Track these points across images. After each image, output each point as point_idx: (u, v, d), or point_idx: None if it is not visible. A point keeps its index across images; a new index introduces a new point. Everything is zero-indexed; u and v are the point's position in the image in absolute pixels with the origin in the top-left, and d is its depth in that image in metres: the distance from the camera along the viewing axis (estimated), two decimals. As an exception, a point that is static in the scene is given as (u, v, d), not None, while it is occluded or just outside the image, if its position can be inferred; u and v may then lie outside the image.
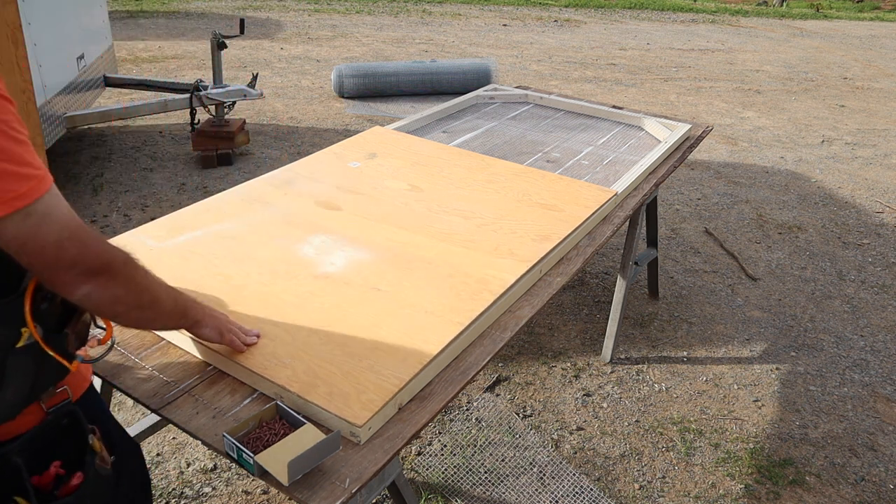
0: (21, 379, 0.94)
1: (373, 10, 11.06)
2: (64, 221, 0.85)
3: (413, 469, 2.23)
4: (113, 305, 0.96)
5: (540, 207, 1.94)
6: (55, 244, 0.84)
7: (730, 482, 2.26)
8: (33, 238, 0.82)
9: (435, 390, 1.28)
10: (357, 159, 2.20)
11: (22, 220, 0.81)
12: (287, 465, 1.02)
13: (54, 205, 0.85)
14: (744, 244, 3.97)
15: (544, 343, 2.94)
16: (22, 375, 0.94)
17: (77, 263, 0.87)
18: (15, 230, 0.81)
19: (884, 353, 3.02)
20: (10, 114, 0.80)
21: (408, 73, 6.30)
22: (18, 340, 0.91)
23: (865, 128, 6.50)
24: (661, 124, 2.84)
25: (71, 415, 1.02)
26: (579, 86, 7.26)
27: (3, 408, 0.94)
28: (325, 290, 1.49)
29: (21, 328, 0.91)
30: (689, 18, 13.01)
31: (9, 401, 0.94)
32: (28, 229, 0.81)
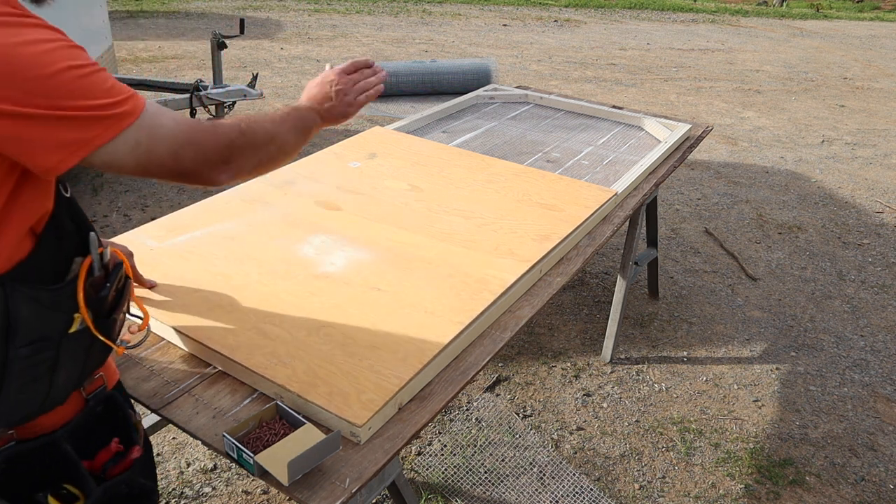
0: (73, 363, 0.96)
1: (373, 10, 11.06)
2: (171, 135, 0.89)
3: (413, 469, 2.23)
4: (254, 170, 1.04)
5: (540, 207, 1.94)
6: (172, 158, 0.89)
7: (730, 482, 2.26)
8: (150, 160, 0.87)
9: (435, 390, 1.28)
10: (357, 159, 2.20)
11: (134, 146, 0.85)
12: (287, 465, 1.02)
13: (157, 121, 0.88)
14: (744, 244, 3.98)
15: (544, 343, 2.94)
16: (74, 360, 0.96)
17: (204, 163, 0.93)
18: (132, 156, 0.85)
19: (884, 353, 3.02)
20: (80, 57, 0.83)
21: (408, 73, 6.30)
22: (71, 326, 0.93)
23: (865, 128, 6.50)
24: (661, 124, 2.84)
25: (109, 400, 1.06)
26: (579, 86, 7.26)
27: (56, 393, 0.96)
28: (325, 290, 1.49)
29: (74, 314, 0.93)
30: (689, 18, 13.02)
31: (62, 385, 0.96)
32: (142, 153, 0.86)
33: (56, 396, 0.97)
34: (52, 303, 0.89)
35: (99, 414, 1.05)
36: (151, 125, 0.87)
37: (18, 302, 0.85)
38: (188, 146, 0.91)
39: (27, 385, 0.90)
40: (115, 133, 0.83)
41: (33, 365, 0.90)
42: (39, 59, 0.79)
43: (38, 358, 0.90)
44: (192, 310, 1.40)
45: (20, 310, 0.85)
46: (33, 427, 0.99)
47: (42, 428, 0.99)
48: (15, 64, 0.77)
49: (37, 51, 0.79)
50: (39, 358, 0.90)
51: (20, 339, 0.86)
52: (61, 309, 0.91)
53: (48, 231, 0.89)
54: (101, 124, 0.82)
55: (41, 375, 0.91)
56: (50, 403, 0.96)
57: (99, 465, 1.04)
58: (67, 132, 0.80)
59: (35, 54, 0.79)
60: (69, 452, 0.99)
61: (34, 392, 0.92)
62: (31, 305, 0.86)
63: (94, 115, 0.82)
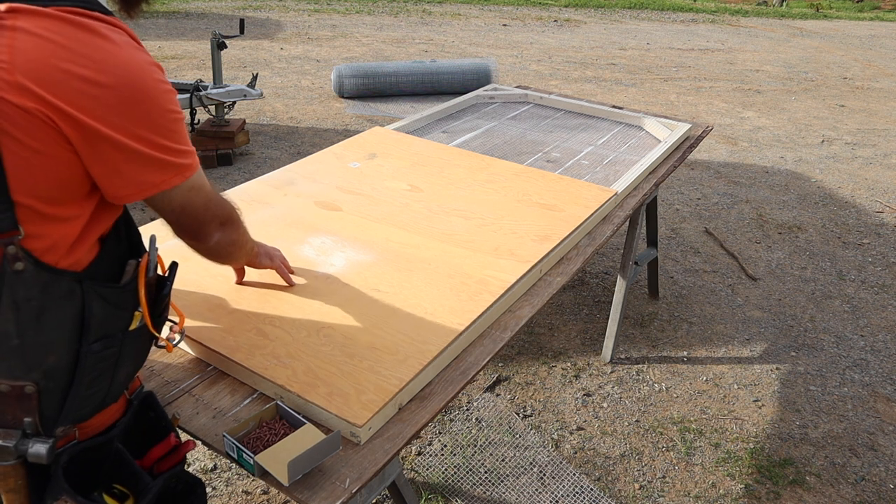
0: (131, 360, 1.03)
1: (373, 10, 11.06)
2: (208, 189, 1.03)
3: (413, 469, 2.23)
4: (230, 247, 1.15)
5: (540, 207, 1.94)
6: (204, 206, 1.02)
7: (730, 482, 2.26)
8: (191, 203, 0.99)
9: (435, 390, 1.28)
10: (357, 159, 2.20)
11: (187, 190, 0.96)
12: (287, 465, 1.02)
13: (202, 176, 1.00)
14: (744, 244, 3.97)
15: (544, 343, 2.94)
16: (131, 357, 1.03)
17: (216, 217, 1.07)
18: (181, 198, 0.97)
19: (884, 353, 3.02)
20: (176, 102, 0.92)
21: (408, 73, 6.29)
22: (132, 323, 1.00)
23: (865, 127, 6.50)
24: (661, 124, 2.84)
25: (146, 399, 1.12)
26: (579, 85, 7.26)
27: (115, 388, 1.02)
28: (325, 290, 1.49)
29: (135, 311, 1.00)
30: (689, 18, 13.01)
31: (121, 381, 1.03)
32: (188, 198, 0.98)
33: (115, 393, 1.03)
34: (118, 300, 0.96)
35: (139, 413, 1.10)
36: (199, 176, 0.98)
37: (92, 298, 0.92)
38: (212, 202, 1.05)
39: (94, 381, 0.96)
40: (181, 181, 0.94)
41: (101, 360, 0.96)
42: (161, 96, 0.89)
43: (106, 354, 0.96)
44: (192, 310, 1.40)
45: (93, 306, 0.92)
46: (87, 428, 1.03)
47: (93, 429, 1.04)
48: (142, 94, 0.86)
49: (160, 88, 0.89)
50: (106, 354, 0.96)
51: (92, 334, 0.93)
52: (125, 306, 0.98)
53: (111, 235, 0.97)
54: (174, 170, 0.93)
55: (106, 371, 0.98)
56: (109, 400, 1.02)
57: (149, 462, 1.08)
58: (150, 173, 0.90)
59: (158, 91, 0.88)
60: (122, 451, 1.03)
61: (99, 388, 0.98)
62: (101, 302, 0.93)
63: (173, 162, 0.92)
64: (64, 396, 0.94)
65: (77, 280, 0.90)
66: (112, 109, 0.83)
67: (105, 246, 0.95)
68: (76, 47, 0.81)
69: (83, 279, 0.91)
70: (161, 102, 0.88)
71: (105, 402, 1.02)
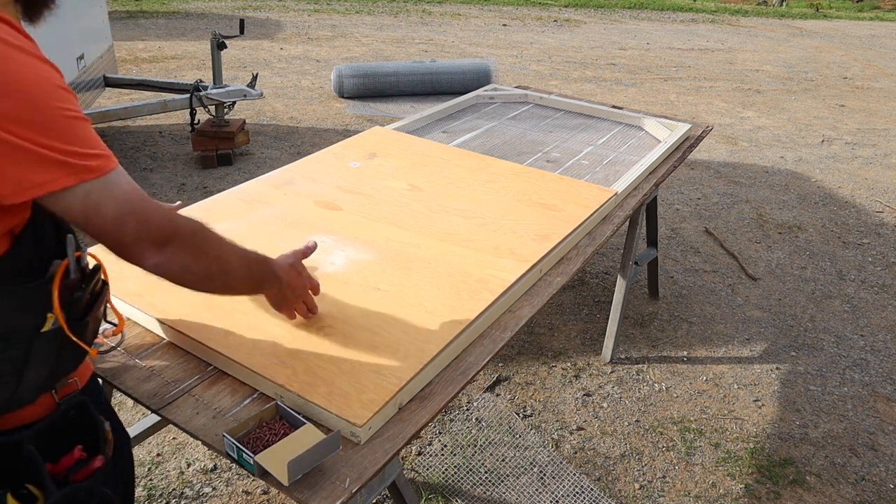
0: (43, 363, 0.97)
1: (372, 10, 11.06)
2: (124, 198, 0.90)
3: (413, 469, 2.23)
4: (182, 275, 1.01)
5: (540, 207, 1.94)
6: (115, 220, 0.89)
7: (730, 482, 2.26)
8: (95, 214, 0.87)
9: (435, 390, 1.28)
10: (357, 159, 2.20)
11: (84, 195, 0.86)
12: (287, 465, 1.02)
13: (116, 182, 0.89)
14: (744, 244, 3.97)
15: (544, 343, 2.94)
16: (44, 360, 0.97)
17: (140, 237, 0.92)
18: (80, 205, 0.86)
19: (884, 353, 3.02)
20: (71, 102, 0.86)
21: (408, 73, 6.29)
22: (44, 325, 0.94)
23: (865, 127, 6.50)
24: (661, 124, 2.84)
25: (80, 405, 1.06)
26: (579, 86, 7.26)
27: (24, 391, 0.97)
28: (325, 290, 1.49)
29: (47, 313, 0.94)
30: (688, 18, 13.01)
31: (30, 384, 0.97)
32: (90, 205, 0.87)
33: (24, 395, 0.97)
34: (25, 299, 0.91)
35: (70, 418, 1.05)
36: (108, 183, 0.88)
37: None
38: (133, 215, 0.91)
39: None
40: (74, 182, 0.85)
41: (3, 361, 0.91)
42: (49, 92, 0.83)
43: (7, 355, 0.91)
44: (192, 310, 1.40)
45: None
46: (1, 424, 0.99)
47: (9, 424, 1.00)
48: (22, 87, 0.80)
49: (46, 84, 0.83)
50: (8, 355, 0.92)
51: None
52: (33, 307, 0.93)
53: (26, 233, 0.91)
54: (65, 170, 0.84)
55: (8, 373, 0.93)
56: (17, 401, 0.97)
57: (62, 469, 1.04)
58: (30, 170, 0.82)
59: (44, 87, 0.83)
60: (32, 452, 0.99)
61: (1, 388, 0.93)
62: (5, 300, 0.89)
63: (63, 161, 0.84)
64: None
65: None
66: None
67: (18, 243, 0.90)
68: None
69: None
70: (47, 99, 0.83)
71: (11, 405, 0.97)
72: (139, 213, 0.92)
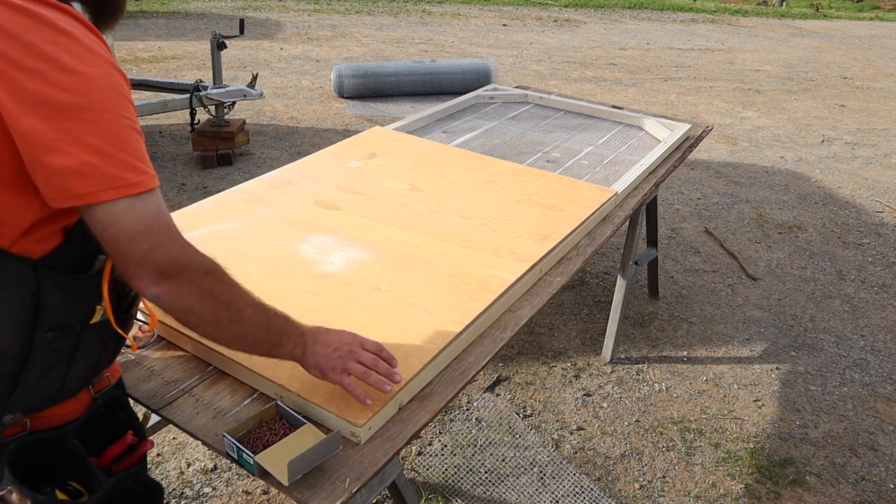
0: (89, 354, 0.99)
1: (372, 10, 11.06)
2: (145, 216, 0.86)
3: (413, 469, 2.23)
4: (186, 314, 0.94)
5: (540, 207, 1.94)
6: (129, 236, 0.85)
7: (730, 482, 2.26)
8: (112, 226, 0.84)
9: (435, 390, 1.28)
10: (357, 159, 2.20)
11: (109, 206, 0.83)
12: (287, 465, 1.02)
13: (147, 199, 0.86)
14: (744, 244, 3.97)
15: (544, 343, 2.94)
16: (90, 351, 0.99)
17: (146, 261, 0.86)
18: (101, 214, 0.83)
19: (884, 353, 3.02)
20: (132, 112, 0.87)
21: (408, 73, 6.29)
22: (93, 316, 0.96)
23: (865, 127, 6.50)
24: (661, 124, 2.84)
25: (114, 399, 1.08)
26: (579, 85, 7.26)
27: (70, 383, 0.99)
28: (325, 289, 1.49)
29: (97, 305, 0.96)
30: (688, 18, 13.01)
31: (77, 375, 0.99)
32: (111, 216, 0.84)
33: (70, 387, 0.99)
34: (77, 291, 0.93)
35: (104, 413, 1.07)
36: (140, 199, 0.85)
37: (48, 287, 0.89)
38: (148, 236, 0.86)
39: (47, 371, 0.93)
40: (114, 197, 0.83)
41: (55, 351, 0.93)
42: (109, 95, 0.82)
43: (60, 344, 0.93)
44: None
45: (49, 295, 0.89)
46: (44, 420, 1.01)
47: (52, 422, 1.01)
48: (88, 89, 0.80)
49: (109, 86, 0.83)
50: (61, 344, 0.93)
51: (46, 322, 0.90)
52: (85, 298, 0.94)
53: (76, 229, 0.92)
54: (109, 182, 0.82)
55: (60, 362, 0.95)
56: (64, 393, 0.99)
57: (106, 461, 1.07)
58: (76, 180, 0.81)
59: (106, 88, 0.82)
60: (77, 447, 1.01)
61: (52, 379, 0.95)
62: (59, 292, 0.90)
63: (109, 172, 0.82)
64: (13, 383, 0.91)
65: (31, 267, 0.87)
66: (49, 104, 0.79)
67: (70, 238, 0.91)
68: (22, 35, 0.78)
69: (38, 266, 0.88)
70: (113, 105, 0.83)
71: (59, 396, 0.99)
72: (155, 235, 0.87)
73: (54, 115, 0.79)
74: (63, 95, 0.79)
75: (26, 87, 0.78)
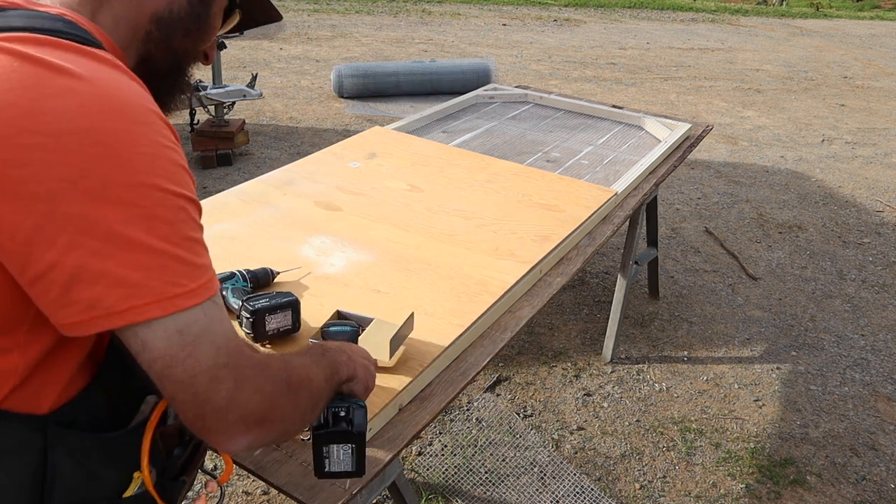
0: None
1: (372, 9, 11.06)
2: (224, 341, 0.62)
3: (413, 469, 2.23)
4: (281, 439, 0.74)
5: (540, 207, 1.94)
6: (209, 372, 0.60)
7: (731, 482, 2.26)
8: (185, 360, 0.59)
9: (435, 391, 1.28)
10: (357, 159, 2.20)
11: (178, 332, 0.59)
12: (389, 341, 1.17)
13: (217, 317, 0.62)
14: (744, 243, 3.97)
15: (544, 343, 2.93)
16: None
17: (232, 406, 0.62)
18: (165, 344, 0.58)
19: (884, 353, 3.02)
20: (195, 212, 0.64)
21: (407, 73, 6.29)
22: (127, 489, 0.71)
23: (866, 127, 6.49)
24: (662, 124, 2.84)
25: None
26: (579, 85, 7.26)
27: None
28: (325, 291, 1.49)
29: (133, 472, 0.71)
30: (688, 18, 13.01)
31: None
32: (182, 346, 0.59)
33: None
34: (107, 456, 0.68)
35: None
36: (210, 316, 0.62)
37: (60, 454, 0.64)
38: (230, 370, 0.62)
39: None
40: (166, 313, 0.58)
41: None
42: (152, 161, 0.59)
43: None
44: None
45: (61, 465, 0.64)
46: None
47: None
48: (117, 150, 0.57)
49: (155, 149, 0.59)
50: None
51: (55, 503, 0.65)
52: (117, 465, 0.70)
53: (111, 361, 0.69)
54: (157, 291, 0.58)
55: None
56: None
57: None
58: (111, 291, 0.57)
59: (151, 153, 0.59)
60: None
61: None
62: (77, 458, 0.66)
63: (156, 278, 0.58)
64: None
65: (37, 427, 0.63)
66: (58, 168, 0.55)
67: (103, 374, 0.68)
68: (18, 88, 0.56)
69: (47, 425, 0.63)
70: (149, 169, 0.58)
71: None
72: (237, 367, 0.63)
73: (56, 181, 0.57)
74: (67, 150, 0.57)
75: None
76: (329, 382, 0.81)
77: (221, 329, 0.62)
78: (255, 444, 0.66)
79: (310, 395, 0.75)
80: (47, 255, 0.55)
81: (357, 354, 0.93)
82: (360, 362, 0.91)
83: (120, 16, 0.70)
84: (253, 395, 0.64)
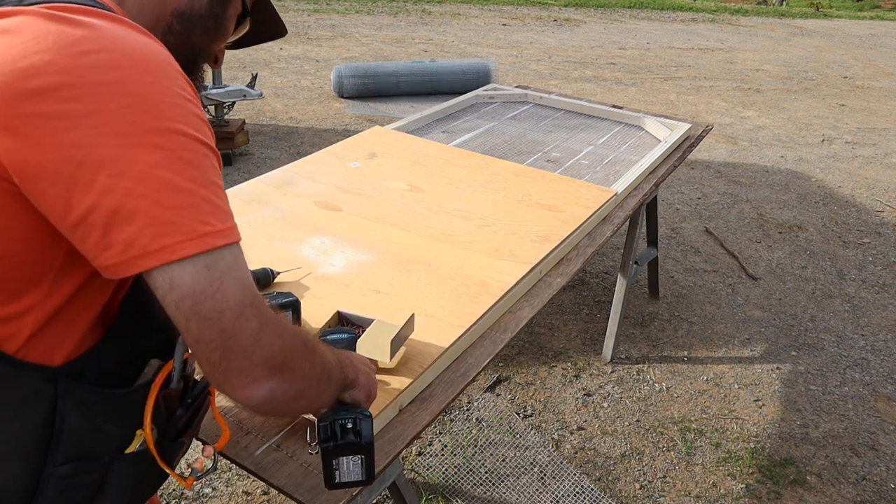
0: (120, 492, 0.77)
1: (372, 9, 11.05)
2: (249, 282, 0.65)
3: (413, 469, 2.23)
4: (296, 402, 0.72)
5: (540, 208, 1.94)
6: (236, 309, 0.63)
7: (731, 482, 2.26)
8: (213, 295, 0.61)
9: (435, 392, 1.28)
10: (357, 159, 2.20)
11: (206, 268, 0.61)
12: (390, 342, 1.15)
13: (243, 261, 0.66)
14: (744, 243, 3.97)
15: (544, 343, 2.93)
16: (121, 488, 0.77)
17: (257, 346, 0.64)
18: (193, 280, 0.61)
19: (884, 353, 3.02)
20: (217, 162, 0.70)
21: (407, 73, 6.29)
22: (129, 444, 0.75)
23: (865, 127, 6.50)
24: (662, 124, 2.84)
25: None
26: (579, 85, 7.25)
27: None
28: (325, 291, 1.49)
29: (136, 430, 0.75)
30: (688, 17, 13.01)
31: None
32: (210, 282, 0.61)
33: None
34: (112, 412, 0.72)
35: None
36: (236, 256, 0.65)
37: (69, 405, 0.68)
38: (254, 309, 0.65)
39: None
40: (199, 250, 0.61)
41: (72, 488, 0.71)
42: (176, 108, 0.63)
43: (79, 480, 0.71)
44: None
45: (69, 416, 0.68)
46: None
47: None
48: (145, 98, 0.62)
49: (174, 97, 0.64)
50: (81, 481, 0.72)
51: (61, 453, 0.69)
52: (122, 421, 0.74)
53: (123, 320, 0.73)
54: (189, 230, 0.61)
55: (79, 502, 0.73)
56: None
57: None
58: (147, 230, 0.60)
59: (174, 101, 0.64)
60: None
61: None
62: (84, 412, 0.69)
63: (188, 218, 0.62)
64: None
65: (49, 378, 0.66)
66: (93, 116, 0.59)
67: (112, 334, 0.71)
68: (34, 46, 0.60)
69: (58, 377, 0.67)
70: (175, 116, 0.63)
71: None
72: (259, 310, 0.65)
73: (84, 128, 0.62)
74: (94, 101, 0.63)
75: None
76: (338, 369, 0.83)
77: (246, 272, 0.66)
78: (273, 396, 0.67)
79: (323, 364, 0.77)
80: (86, 198, 0.59)
81: (359, 362, 0.94)
82: (363, 370, 0.93)
83: (145, 5, 0.76)
84: (276, 338, 0.66)
